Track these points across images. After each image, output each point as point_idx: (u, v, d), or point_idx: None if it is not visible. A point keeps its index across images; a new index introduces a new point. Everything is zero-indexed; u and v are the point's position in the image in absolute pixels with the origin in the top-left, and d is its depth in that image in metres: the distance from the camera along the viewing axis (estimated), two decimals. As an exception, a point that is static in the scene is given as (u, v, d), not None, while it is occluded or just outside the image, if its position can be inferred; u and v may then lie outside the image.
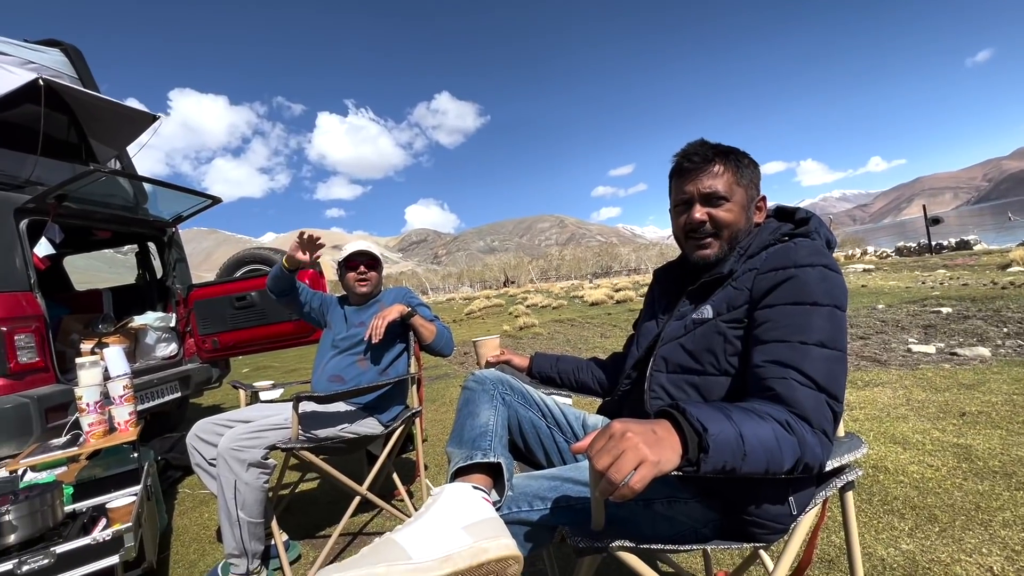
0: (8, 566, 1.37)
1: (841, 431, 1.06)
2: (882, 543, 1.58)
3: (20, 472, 1.95)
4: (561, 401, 1.31)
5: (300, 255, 2.05)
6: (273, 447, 1.70)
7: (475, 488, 0.91)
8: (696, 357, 1.00)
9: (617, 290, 14.66)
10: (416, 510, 2.08)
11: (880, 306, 6.00)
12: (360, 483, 1.88)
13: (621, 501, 0.65)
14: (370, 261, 2.23)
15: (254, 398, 2.33)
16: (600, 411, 1.31)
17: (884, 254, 18.38)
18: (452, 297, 33.84)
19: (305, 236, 2.06)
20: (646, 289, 1.32)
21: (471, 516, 0.83)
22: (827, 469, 0.88)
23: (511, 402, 1.19)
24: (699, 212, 1.03)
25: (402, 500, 2.20)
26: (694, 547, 0.87)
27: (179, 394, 3.46)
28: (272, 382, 2.36)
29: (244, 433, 1.67)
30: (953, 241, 16.49)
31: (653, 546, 0.84)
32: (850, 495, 1.02)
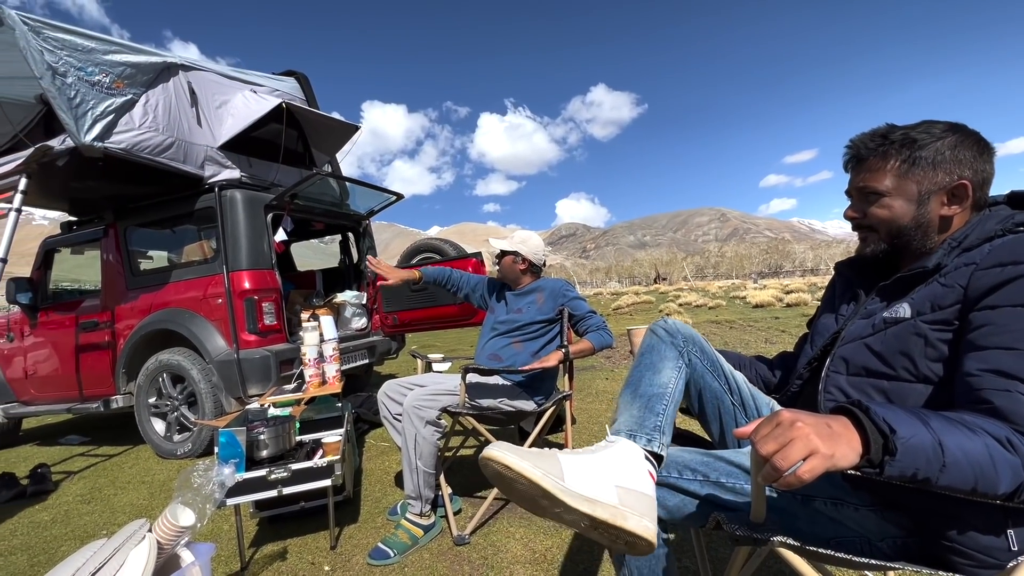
0: (262, 472, 1.81)
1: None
2: None
3: (266, 406, 2.54)
4: None
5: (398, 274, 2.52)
6: (445, 410, 1.95)
7: (646, 458, 0.92)
8: (886, 360, 0.89)
9: (788, 292, 13.04)
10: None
11: None
12: (514, 454, 2.04)
13: (785, 488, 0.63)
14: (501, 254, 2.40)
15: (428, 367, 2.68)
16: None
17: None
18: (599, 292, 33.60)
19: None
20: (823, 292, 1.20)
21: (630, 480, 0.86)
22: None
23: (697, 366, 1.12)
24: (850, 208, 1.00)
25: (550, 477, 2.32)
26: (870, 561, 0.78)
27: (367, 361, 4.12)
28: (442, 355, 2.67)
29: (423, 395, 1.94)
30: None
31: (822, 551, 0.78)
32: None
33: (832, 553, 0.79)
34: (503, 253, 2.39)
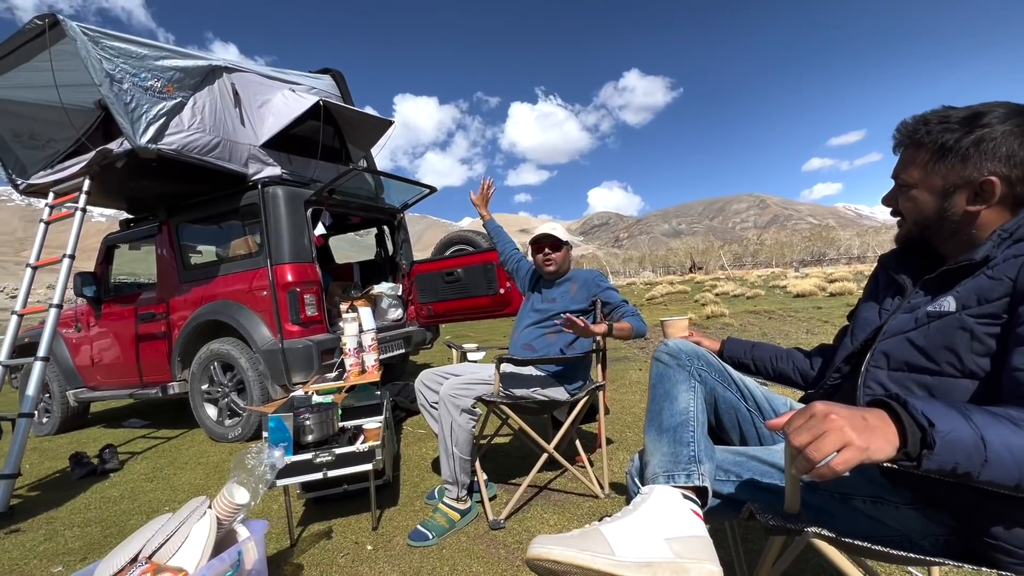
0: (308, 456, 1.91)
1: None
2: None
3: (310, 394, 2.67)
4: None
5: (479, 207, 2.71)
6: (480, 398, 2.01)
7: (685, 497, 0.91)
8: (930, 355, 0.87)
9: (831, 280, 12.52)
10: (596, 479, 2.21)
11: None
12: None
13: (819, 480, 0.63)
14: (553, 243, 2.38)
15: (463, 357, 2.74)
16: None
17: None
18: (633, 282, 33.12)
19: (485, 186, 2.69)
20: (866, 284, 1.17)
21: (677, 529, 0.85)
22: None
23: (708, 379, 1.13)
24: (886, 195, 1.01)
25: (583, 467, 2.35)
26: (909, 555, 0.78)
27: (403, 350, 4.23)
28: (476, 345, 2.73)
29: (458, 384, 2.00)
30: None
31: (858, 542, 0.78)
32: None
33: (869, 546, 0.78)
34: (558, 244, 2.38)
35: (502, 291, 3.82)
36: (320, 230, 3.76)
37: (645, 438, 1.07)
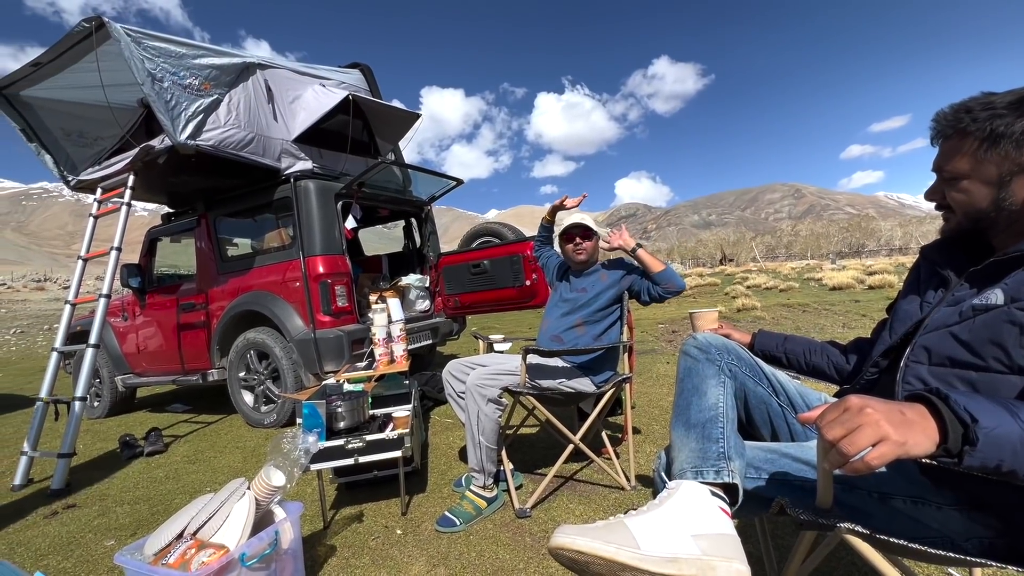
0: (340, 442, 1.97)
1: None
2: None
3: (341, 382, 2.74)
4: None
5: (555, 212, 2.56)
6: (506, 389, 2.03)
7: (713, 494, 0.89)
8: (974, 350, 0.84)
9: (870, 273, 12.05)
10: (623, 471, 2.21)
11: None
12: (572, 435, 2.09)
13: (852, 475, 0.62)
14: (584, 232, 2.37)
15: (489, 348, 2.76)
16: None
17: None
18: (660, 274, 32.56)
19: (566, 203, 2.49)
20: (906, 276, 1.12)
21: (705, 525, 0.83)
22: None
23: (738, 374, 1.10)
24: (930, 189, 0.95)
25: (609, 459, 2.35)
26: (949, 555, 0.75)
27: (430, 341, 4.29)
28: (503, 336, 2.75)
29: (485, 374, 2.02)
30: None
31: (895, 540, 0.76)
32: None
33: (907, 544, 0.76)
34: (588, 234, 2.37)
35: (528, 283, 3.83)
36: (350, 223, 3.84)
37: (672, 434, 1.05)
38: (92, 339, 3.06)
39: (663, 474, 1.08)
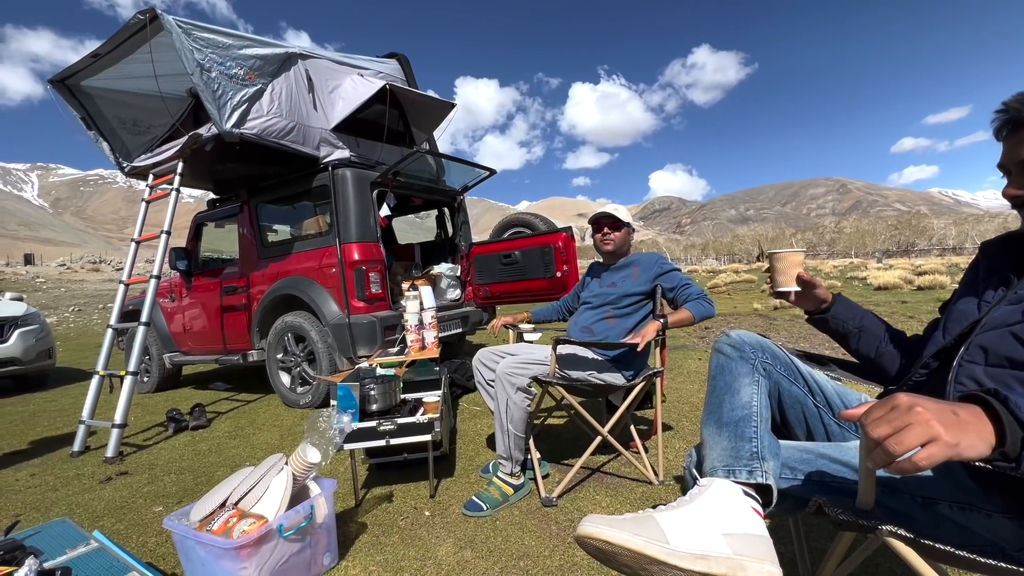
0: (372, 424, 2.03)
1: None
2: None
3: (374, 366, 2.81)
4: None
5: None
6: (535, 378, 2.03)
7: (746, 494, 0.87)
8: None
9: (920, 273, 11.45)
10: (651, 466, 2.19)
11: None
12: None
13: (897, 475, 0.60)
14: (613, 223, 2.34)
15: (519, 337, 2.78)
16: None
17: None
18: (694, 269, 31.89)
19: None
20: (963, 275, 1.05)
21: (736, 525, 0.82)
22: None
23: (772, 373, 1.06)
24: (1011, 185, 0.85)
25: (638, 453, 2.33)
26: (1000, 564, 0.71)
27: (460, 330, 4.34)
28: (532, 326, 2.75)
29: (515, 363, 2.04)
30: None
31: (942, 546, 0.73)
32: None
33: (954, 551, 0.73)
34: (617, 224, 2.34)
35: (559, 274, 3.82)
36: (385, 211, 3.91)
37: (703, 431, 1.03)
38: (144, 317, 3.23)
39: (694, 471, 1.06)
